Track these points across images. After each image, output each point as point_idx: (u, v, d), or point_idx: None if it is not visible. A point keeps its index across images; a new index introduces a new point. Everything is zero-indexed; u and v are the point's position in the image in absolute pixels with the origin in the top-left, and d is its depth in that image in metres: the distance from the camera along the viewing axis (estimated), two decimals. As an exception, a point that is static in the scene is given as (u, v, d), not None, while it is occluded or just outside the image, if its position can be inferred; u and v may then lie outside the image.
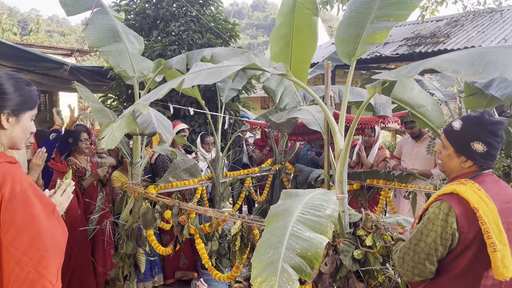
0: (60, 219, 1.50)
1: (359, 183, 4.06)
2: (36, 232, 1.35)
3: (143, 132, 3.17)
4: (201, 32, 5.89)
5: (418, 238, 1.69)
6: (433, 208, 1.68)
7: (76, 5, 3.57)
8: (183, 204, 3.07)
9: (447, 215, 1.62)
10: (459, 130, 1.73)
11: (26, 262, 1.32)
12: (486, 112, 1.71)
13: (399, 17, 2.30)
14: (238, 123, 5.90)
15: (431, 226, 1.65)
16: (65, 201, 1.63)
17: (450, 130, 1.78)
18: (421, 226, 1.70)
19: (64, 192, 1.63)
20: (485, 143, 1.67)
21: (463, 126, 1.73)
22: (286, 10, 3.39)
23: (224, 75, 2.00)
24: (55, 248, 1.40)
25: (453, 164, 1.79)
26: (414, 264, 1.69)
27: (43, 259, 1.35)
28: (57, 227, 1.44)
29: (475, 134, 1.68)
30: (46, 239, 1.36)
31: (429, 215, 1.68)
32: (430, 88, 4.40)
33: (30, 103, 1.51)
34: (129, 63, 3.57)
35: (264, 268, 1.37)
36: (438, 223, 1.63)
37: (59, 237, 1.44)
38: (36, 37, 23.03)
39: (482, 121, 1.69)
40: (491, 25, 8.08)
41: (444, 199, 1.67)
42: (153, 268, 4.31)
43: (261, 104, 13.76)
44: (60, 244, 1.44)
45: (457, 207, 1.62)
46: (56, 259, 1.40)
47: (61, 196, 1.62)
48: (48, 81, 7.15)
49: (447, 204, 1.64)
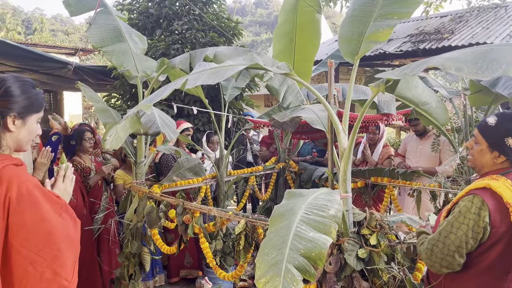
0: (70, 212, 1.49)
1: (363, 181, 4.05)
2: (47, 232, 1.36)
3: (147, 132, 3.17)
4: (204, 31, 5.89)
5: (448, 231, 1.71)
6: (465, 201, 1.71)
7: (79, 5, 3.58)
8: (188, 203, 3.08)
9: (479, 209, 1.65)
10: (494, 125, 1.76)
11: (40, 262, 1.33)
12: None
13: (402, 15, 2.29)
14: (242, 122, 5.89)
15: (462, 219, 1.68)
16: (69, 185, 1.62)
17: (484, 126, 1.81)
18: (452, 219, 1.72)
19: (65, 177, 1.62)
20: None
21: (498, 122, 1.76)
22: (288, 7, 3.38)
23: (227, 75, 2.00)
24: (68, 244, 1.41)
25: (485, 159, 1.81)
26: (443, 256, 1.71)
27: (57, 258, 1.36)
28: (68, 223, 1.45)
29: (510, 130, 1.72)
30: (57, 238, 1.38)
31: (461, 208, 1.70)
32: (434, 85, 4.37)
33: (36, 106, 1.51)
34: (132, 63, 3.58)
35: (268, 268, 1.37)
36: (470, 216, 1.66)
37: (71, 232, 1.44)
38: (40, 37, 23.13)
39: None
40: (495, 21, 8.01)
41: (477, 193, 1.69)
42: (154, 268, 4.33)
43: (264, 102, 13.74)
44: (73, 238, 1.45)
45: (490, 201, 1.65)
46: (70, 255, 1.41)
47: (63, 182, 1.60)
48: (52, 80, 7.18)
49: (480, 198, 1.67)
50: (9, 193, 1.32)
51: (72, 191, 1.64)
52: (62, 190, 1.57)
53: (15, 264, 1.31)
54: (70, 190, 1.63)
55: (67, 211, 1.49)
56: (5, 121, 1.43)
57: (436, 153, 4.32)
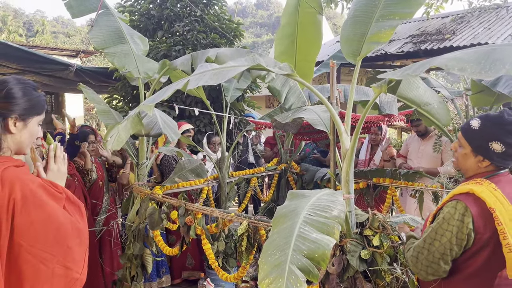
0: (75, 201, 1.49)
1: (365, 182, 4.04)
2: (55, 230, 1.37)
3: (149, 133, 3.18)
4: (205, 32, 5.90)
5: (432, 238, 1.67)
6: (449, 207, 1.66)
7: (81, 7, 3.59)
8: (189, 205, 3.08)
9: (463, 215, 1.61)
10: (477, 129, 1.70)
11: (51, 259, 1.35)
12: (506, 112, 1.68)
13: (404, 15, 2.29)
14: (243, 123, 5.90)
15: (446, 226, 1.64)
16: (62, 165, 1.59)
17: (468, 129, 1.74)
18: (436, 225, 1.68)
19: (56, 157, 1.59)
20: (503, 143, 1.64)
21: (481, 125, 1.69)
22: (290, 9, 3.39)
23: (229, 76, 2.00)
24: (76, 237, 1.43)
25: (469, 163, 1.76)
26: (428, 263, 1.68)
27: (67, 254, 1.39)
28: (74, 215, 1.46)
29: (494, 134, 1.65)
30: (66, 233, 1.39)
31: (445, 214, 1.66)
32: (436, 85, 4.37)
33: (38, 108, 1.51)
34: (134, 65, 3.58)
35: (272, 269, 1.37)
36: (454, 223, 1.62)
37: (79, 223, 1.46)
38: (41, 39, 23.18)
39: (502, 120, 1.65)
40: (497, 21, 8.00)
41: (460, 199, 1.65)
42: (160, 269, 4.32)
43: (266, 103, 13.73)
44: (81, 229, 1.46)
45: (473, 207, 1.60)
46: (80, 247, 1.44)
47: (55, 162, 1.58)
48: (54, 82, 7.20)
49: (463, 204, 1.62)
50: (13, 195, 1.33)
51: (66, 169, 1.61)
52: (55, 172, 1.55)
53: (24, 263, 1.32)
54: (64, 169, 1.60)
55: (72, 201, 1.48)
56: (6, 123, 1.43)
57: (438, 154, 4.32)
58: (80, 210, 1.50)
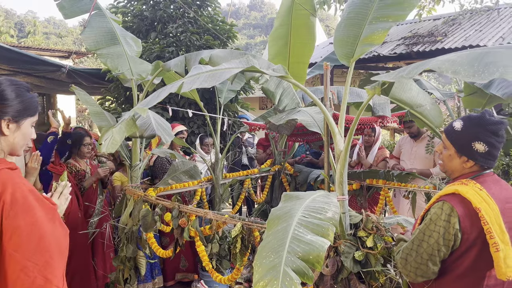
0: (61, 221, 1.50)
1: (358, 183, 4.06)
2: (39, 238, 1.34)
3: (142, 135, 3.16)
4: (198, 34, 5.89)
5: (420, 239, 1.69)
6: (435, 208, 1.68)
7: (73, 8, 3.57)
8: (183, 207, 3.07)
9: (449, 216, 1.62)
10: (460, 130, 1.73)
11: (32, 268, 1.31)
12: (487, 112, 1.70)
13: (397, 18, 2.30)
14: (237, 124, 5.89)
15: (433, 227, 1.65)
16: (63, 204, 1.62)
17: (451, 131, 1.77)
18: (423, 227, 1.69)
19: (61, 195, 1.62)
20: (486, 143, 1.67)
21: (464, 126, 1.72)
22: (284, 11, 3.40)
23: (223, 78, 2.00)
24: (59, 252, 1.40)
25: (454, 164, 1.78)
26: (417, 265, 1.69)
27: (48, 264, 1.35)
28: (59, 230, 1.44)
29: (476, 134, 1.68)
30: (50, 244, 1.36)
31: (431, 216, 1.68)
32: (428, 87, 4.41)
33: (31, 109, 1.50)
34: (127, 66, 3.57)
35: (266, 272, 1.37)
36: (441, 223, 1.63)
37: (62, 240, 1.44)
38: (33, 39, 22.99)
39: (483, 121, 1.68)
40: (488, 23, 8.08)
41: (446, 200, 1.66)
42: (153, 270, 4.30)
43: (259, 104, 13.75)
44: (63, 247, 1.44)
45: (459, 208, 1.62)
46: (60, 262, 1.40)
47: (58, 199, 1.61)
48: (46, 83, 7.14)
49: (449, 205, 1.64)
50: (3, 197, 1.31)
51: (64, 210, 1.64)
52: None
53: (8, 269, 1.30)
54: (63, 209, 1.63)
55: (60, 220, 1.48)
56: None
57: (430, 155, 4.35)
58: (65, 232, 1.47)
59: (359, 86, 4.46)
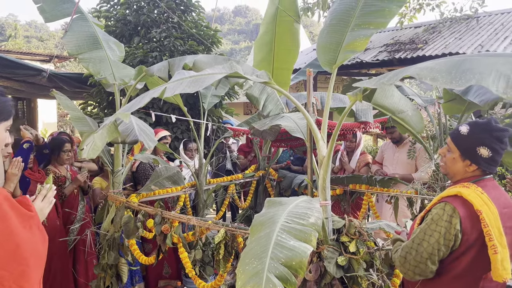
0: (40, 227, 1.46)
1: (342, 188, 4.09)
2: (14, 246, 1.31)
3: (125, 140, 3.12)
4: (182, 39, 5.87)
5: (421, 238, 1.72)
6: (437, 209, 1.73)
7: (54, 12, 3.51)
8: (166, 213, 3.04)
9: (451, 217, 1.67)
10: (466, 135, 1.78)
11: (7, 277, 1.28)
12: (493, 119, 1.77)
13: (378, 25, 2.34)
14: (221, 130, 5.88)
15: (434, 227, 1.69)
16: (46, 207, 1.59)
17: (457, 135, 1.83)
18: (425, 226, 1.73)
19: (44, 198, 1.59)
20: (490, 148, 1.73)
21: (470, 131, 1.78)
22: (269, 18, 3.42)
23: (207, 83, 1.99)
24: (35, 259, 1.37)
25: (457, 167, 1.83)
26: (416, 263, 1.72)
27: (24, 273, 1.32)
28: (37, 237, 1.41)
29: (482, 139, 1.74)
30: (25, 252, 1.33)
31: (433, 216, 1.72)
32: (410, 94, 4.47)
33: (4, 114, 1.47)
34: (109, 71, 3.53)
35: (249, 278, 1.36)
36: (442, 224, 1.67)
37: (39, 246, 1.41)
38: (14, 43, 22.58)
39: (489, 127, 1.74)
40: (467, 31, 8.28)
41: (448, 201, 1.71)
42: (134, 277, 4.24)
43: (244, 109, 13.77)
44: (40, 253, 1.41)
45: (461, 209, 1.67)
46: (37, 269, 1.38)
47: (41, 201, 1.58)
48: (26, 88, 7.02)
49: (451, 206, 1.69)
50: None
51: (47, 213, 1.61)
52: (38, 210, 1.54)
53: None
54: (46, 212, 1.60)
55: (38, 226, 1.45)
56: None
57: (412, 160, 4.41)
58: (44, 238, 1.45)
59: (342, 91, 4.51)
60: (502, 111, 4.24)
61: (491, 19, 8.87)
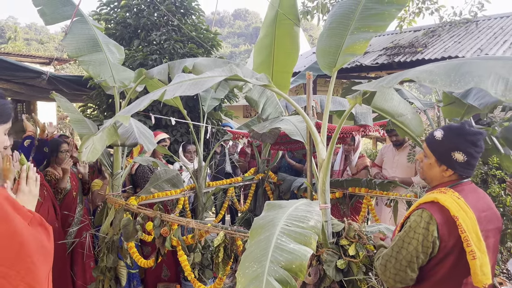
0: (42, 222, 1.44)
1: (341, 191, 4.08)
2: (19, 246, 1.31)
3: (124, 143, 3.12)
4: (182, 42, 5.88)
5: (400, 246, 1.71)
6: (415, 216, 1.71)
7: (54, 15, 3.53)
8: (165, 216, 3.03)
9: (428, 223, 1.65)
10: (440, 139, 1.77)
11: (14, 276, 1.28)
12: (467, 123, 1.76)
13: (378, 28, 2.35)
14: (221, 132, 5.88)
15: (412, 234, 1.68)
16: (33, 186, 1.54)
17: (432, 140, 1.81)
18: (403, 234, 1.72)
19: (28, 179, 1.54)
20: (465, 153, 1.72)
21: (444, 136, 1.77)
22: (268, 21, 3.44)
23: (207, 86, 1.99)
24: (41, 256, 1.36)
25: (434, 172, 1.83)
26: (396, 271, 1.71)
27: (30, 271, 1.32)
28: (40, 233, 1.40)
29: (456, 144, 1.73)
30: (30, 250, 1.33)
31: (411, 223, 1.71)
32: (409, 97, 4.48)
33: (3, 116, 1.46)
34: (109, 73, 3.53)
35: (249, 282, 1.36)
36: (420, 231, 1.66)
37: (44, 242, 1.40)
38: (13, 45, 22.60)
39: (463, 131, 1.73)
40: (467, 35, 8.30)
41: (425, 208, 1.70)
42: (132, 281, 4.23)
43: (243, 112, 13.77)
44: (46, 249, 1.40)
45: (437, 216, 1.65)
46: (43, 266, 1.37)
47: (26, 184, 1.53)
48: (25, 90, 7.02)
49: (428, 213, 1.67)
50: None
51: (38, 191, 1.57)
52: (27, 193, 1.51)
53: None
54: (36, 191, 1.55)
55: (41, 223, 1.44)
56: None
57: (412, 164, 4.41)
58: (48, 232, 1.44)
59: (342, 95, 4.52)
60: (502, 114, 4.25)
61: (490, 23, 8.89)
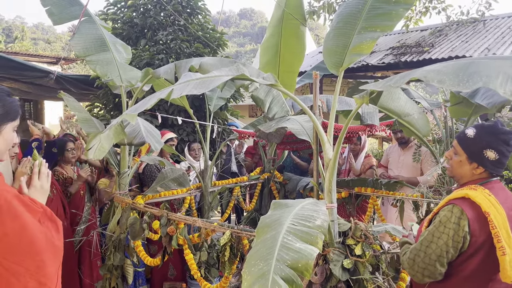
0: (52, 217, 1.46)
1: (347, 191, 4.08)
2: (29, 242, 1.32)
3: (131, 142, 3.14)
4: (188, 41, 5.89)
5: (429, 240, 1.73)
6: (445, 211, 1.73)
7: (62, 15, 3.55)
8: (172, 214, 3.05)
9: (459, 219, 1.67)
10: (472, 137, 1.78)
11: (23, 273, 1.30)
12: (499, 122, 1.78)
13: (385, 28, 2.34)
14: (227, 132, 5.89)
15: (443, 229, 1.69)
16: (45, 182, 1.57)
17: (463, 137, 1.83)
18: (433, 228, 1.74)
19: (40, 174, 1.57)
20: (497, 151, 1.73)
21: (477, 134, 1.78)
22: (275, 21, 3.44)
23: (213, 85, 2.00)
24: (51, 253, 1.38)
25: (464, 170, 1.84)
26: (425, 265, 1.72)
27: (40, 268, 1.33)
28: (51, 230, 1.41)
29: (489, 142, 1.74)
30: (40, 247, 1.34)
31: (441, 218, 1.72)
32: (416, 97, 4.46)
33: (12, 114, 1.47)
34: (116, 73, 3.55)
35: (255, 280, 1.36)
36: (450, 226, 1.68)
37: (54, 239, 1.41)
38: (21, 45, 22.77)
39: (496, 130, 1.75)
40: (474, 34, 8.24)
41: (456, 203, 1.71)
42: (137, 280, 4.25)
43: (249, 112, 13.78)
44: (57, 246, 1.41)
45: (469, 211, 1.67)
46: (53, 262, 1.38)
47: (38, 179, 1.56)
48: (33, 89, 7.07)
49: (459, 208, 1.69)
50: None
51: (49, 187, 1.60)
52: (38, 188, 1.53)
53: None
54: (47, 187, 1.58)
55: (50, 218, 1.45)
56: None
57: (417, 164, 4.39)
58: (58, 227, 1.45)
59: (347, 94, 4.51)
60: (510, 114, 4.22)
61: (498, 22, 8.82)
